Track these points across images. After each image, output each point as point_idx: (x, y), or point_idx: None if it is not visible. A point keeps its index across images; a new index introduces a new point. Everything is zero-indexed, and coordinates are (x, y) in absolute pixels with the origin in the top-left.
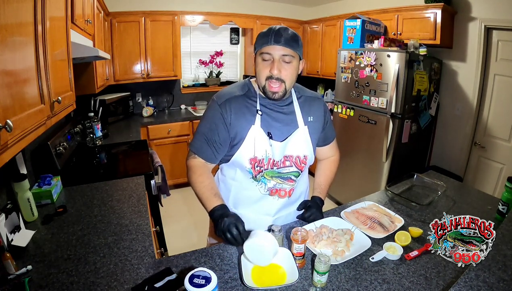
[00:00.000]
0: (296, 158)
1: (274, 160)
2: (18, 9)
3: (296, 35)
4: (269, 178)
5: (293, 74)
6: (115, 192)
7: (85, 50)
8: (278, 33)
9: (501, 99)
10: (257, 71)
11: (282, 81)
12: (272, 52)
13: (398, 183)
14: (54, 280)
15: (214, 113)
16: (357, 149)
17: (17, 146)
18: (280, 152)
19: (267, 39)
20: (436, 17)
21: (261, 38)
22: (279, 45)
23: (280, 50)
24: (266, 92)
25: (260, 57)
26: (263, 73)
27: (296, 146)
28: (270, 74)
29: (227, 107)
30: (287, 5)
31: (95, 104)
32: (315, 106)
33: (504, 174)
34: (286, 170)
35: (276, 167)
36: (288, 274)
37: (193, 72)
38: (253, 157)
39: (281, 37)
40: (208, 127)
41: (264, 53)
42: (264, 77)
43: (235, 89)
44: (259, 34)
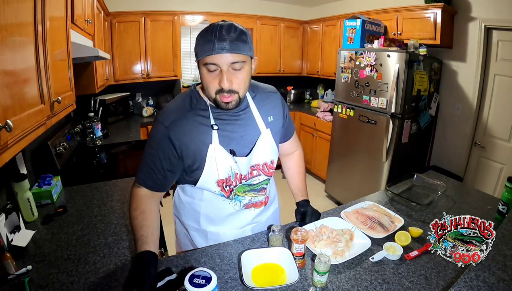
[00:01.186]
0: (263, 165)
1: (241, 174)
2: (18, 9)
3: (243, 32)
4: (242, 194)
5: (246, 81)
6: (115, 192)
7: (85, 50)
8: (221, 36)
9: (501, 99)
10: (204, 83)
11: (235, 92)
12: (218, 62)
13: (398, 183)
14: (54, 280)
15: (160, 138)
16: (357, 149)
17: (17, 146)
18: (246, 165)
19: (209, 46)
20: (436, 17)
21: (202, 44)
22: (225, 52)
23: (228, 58)
24: (219, 104)
25: (205, 68)
26: (212, 86)
27: (261, 154)
28: (220, 87)
29: (176, 129)
30: (287, 5)
31: (95, 104)
32: (272, 103)
33: (504, 174)
34: (256, 181)
35: (245, 180)
36: (288, 274)
37: (193, 72)
38: (219, 179)
39: (226, 42)
40: (154, 154)
41: (208, 64)
42: (214, 91)
43: (181, 104)
44: (199, 38)
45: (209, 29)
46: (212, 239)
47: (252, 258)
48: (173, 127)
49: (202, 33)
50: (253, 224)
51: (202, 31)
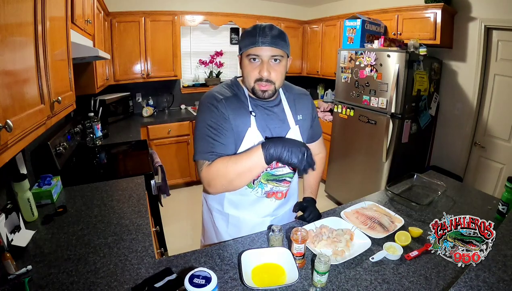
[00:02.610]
0: None
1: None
2: (18, 9)
3: (283, 33)
4: (265, 182)
5: (282, 74)
6: (115, 192)
7: (85, 50)
8: (264, 33)
9: (501, 99)
10: (245, 73)
11: (272, 82)
12: (260, 53)
13: (398, 183)
14: (54, 280)
15: (213, 112)
16: (357, 148)
17: (17, 146)
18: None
19: (253, 40)
20: (436, 17)
21: (247, 38)
22: (267, 46)
23: (269, 51)
24: (256, 92)
25: (247, 59)
26: (252, 75)
27: None
28: (260, 76)
29: (225, 105)
30: (287, 5)
31: (95, 104)
32: (303, 104)
33: (504, 174)
34: (280, 172)
35: (270, 168)
36: (288, 274)
37: (193, 72)
38: None
39: (269, 37)
40: (211, 126)
41: (251, 55)
42: (253, 80)
43: (223, 90)
44: (244, 34)
45: (254, 27)
46: (232, 223)
47: (252, 258)
48: (223, 103)
49: (247, 31)
50: (272, 216)
51: (248, 29)
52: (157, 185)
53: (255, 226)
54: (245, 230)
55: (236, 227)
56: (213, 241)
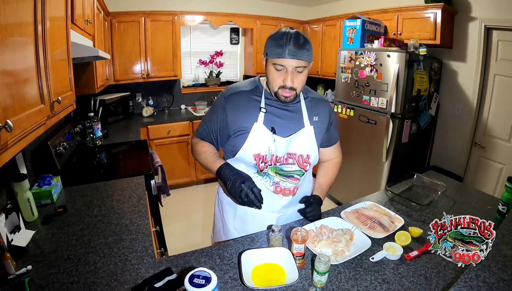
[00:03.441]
0: (299, 156)
1: (277, 156)
2: (18, 9)
3: (308, 42)
4: (273, 173)
5: (304, 81)
6: (115, 192)
7: (85, 50)
8: (291, 45)
9: (501, 99)
10: (270, 78)
11: (295, 89)
12: (285, 64)
13: (398, 183)
14: (54, 280)
15: (218, 105)
16: (357, 149)
17: (17, 146)
18: (283, 147)
19: (281, 51)
20: (436, 17)
21: (274, 47)
22: (292, 58)
23: (294, 63)
24: (279, 97)
25: (273, 66)
26: (277, 82)
27: (300, 145)
28: (284, 84)
29: (232, 100)
30: (287, 5)
31: (95, 104)
32: (321, 108)
33: (504, 174)
34: (289, 168)
35: (279, 163)
36: (288, 274)
37: (193, 72)
38: (257, 153)
39: (295, 49)
40: (211, 116)
41: (277, 64)
42: (277, 86)
43: (244, 84)
44: (271, 40)
45: (281, 35)
46: (239, 216)
47: (252, 258)
48: (230, 98)
49: (275, 37)
50: (279, 214)
51: (275, 35)
52: (157, 185)
53: (261, 220)
54: (251, 224)
55: (242, 220)
56: (221, 236)
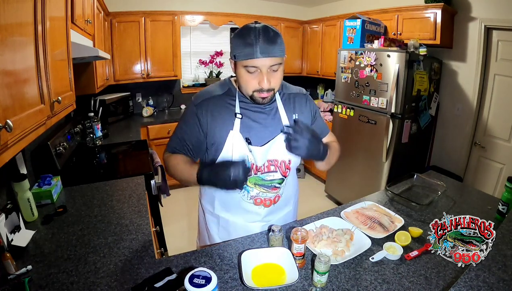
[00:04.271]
0: (281, 162)
1: (257, 166)
2: (18, 9)
3: (279, 35)
4: (252, 185)
5: (281, 79)
6: (115, 192)
7: (85, 50)
8: (261, 41)
9: (501, 99)
10: (242, 82)
11: (272, 89)
12: (259, 65)
13: (398, 183)
14: (54, 280)
15: (189, 115)
16: (357, 148)
17: (17, 146)
18: (262, 156)
19: (250, 50)
20: (436, 17)
21: (242, 47)
22: (266, 56)
23: (268, 62)
24: (255, 100)
25: (244, 69)
26: (251, 86)
27: (280, 150)
28: (260, 87)
29: (204, 108)
30: (287, 5)
31: (95, 104)
32: (298, 102)
33: (504, 174)
34: (270, 177)
35: (260, 172)
36: (288, 274)
37: (193, 72)
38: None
39: (267, 46)
40: (183, 128)
41: (249, 66)
42: (252, 89)
43: (214, 88)
44: (238, 39)
45: (248, 32)
46: (222, 226)
47: (252, 258)
48: (202, 106)
49: (240, 35)
50: (263, 222)
51: (240, 33)
52: (157, 185)
53: (245, 230)
54: (235, 234)
55: (226, 230)
56: (206, 244)
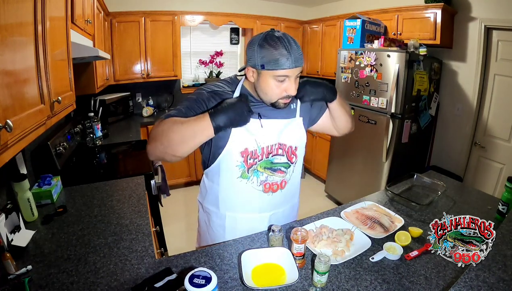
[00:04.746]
0: (289, 147)
1: (268, 146)
2: (18, 9)
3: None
4: (262, 169)
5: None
6: (115, 192)
7: (85, 50)
8: (293, 52)
9: (501, 99)
10: (268, 90)
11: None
12: (290, 74)
13: (398, 183)
14: (54, 280)
15: (198, 98)
16: (357, 148)
17: (17, 146)
18: (273, 132)
19: (286, 61)
20: (436, 17)
21: (275, 58)
22: (298, 66)
23: (297, 70)
24: (278, 105)
25: (274, 78)
26: (277, 93)
27: (290, 134)
28: (288, 94)
29: (213, 98)
30: (287, 5)
31: (95, 104)
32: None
33: (504, 174)
34: (277, 160)
35: (271, 155)
36: (288, 274)
37: (193, 72)
38: (244, 150)
39: (298, 56)
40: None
41: (280, 76)
42: (278, 97)
43: (221, 85)
44: (268, 50)
45: (277, 43)
46: (229, 226)
47: (252, 258)
48: (212, 95)
49: (270, 46)
50: (270, 212)
51: (269, 43)
52: (157, 185)
53: (253, 224)
54: (243, 230)
55: (233, 229)
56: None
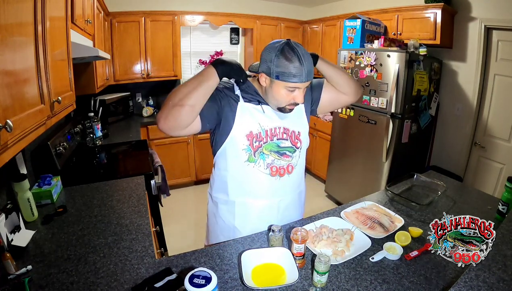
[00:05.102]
0: (292, 132)
1: (272, 129)
2: (18, 9)
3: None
4: (267, 152)
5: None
6: (115, 192)
7: (85, 50)
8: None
9: (501, 99)
10: (278, 97)
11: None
12: (301, 86)
13: (398, 183)
14: (54, 280)
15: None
16: (357, 148)
17: (17, 146)
18: (274, 117)
19: (299, 75)
20: (436, 17)
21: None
22: (309, 80)
23: (307, 83)
24: (283, 110)
25: (285, 89)
26: (286, 100)
27: (291, 119)
28: (295, 101)
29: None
30: (287, 5)
31: (95, 104)
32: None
33: (504, 174)
34: (283, 144)
35: (276, 137)
36: (288, 274)
37: (193, 72)
38: (248, 133)
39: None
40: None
41: (291, 87)
42: (286, 103)
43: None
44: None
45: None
46: (239, 213)
47: (252, 258)
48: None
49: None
50: (279, 198)
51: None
52: (157, 185)
53: (263, 211)
54: (253, 216)
55: (243, 216)
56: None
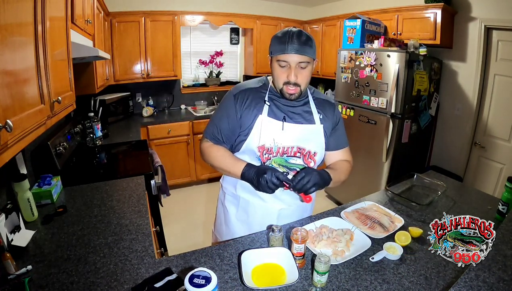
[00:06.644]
0: (307, 152)
1: (284, 147)
2: (18, 9)
3: (310, 39)
4: (276, 165)
5: (308, 77)
6: (115, 192)
7: (85, 50)
8: (293, 40)
9: (501, 99)
10: (275, 75)
11: (298, 85)
12: (289, 60)
13: (398, 183)
14: (54, 280)
15: (228, 103)
16: (357, 148)
17: (17, 146)
18: (292, 136)
19: (283, 47)
20: (436, 17)
21: (277, 44)
22: (295, 53)
23: (296, 58)
24: (284, 94)
25: (277, 63)
26: (281, 79)
27: (309, 140)
28: (288, 80)
29: (240, 97)
30: (287, 5)
31: (95, 104)
32: (327, 108)
33: (504, 174)
34: (293, 161)
35: (286, 155)
36: (288, 274)
37: (193, 72)
38: (261, 145)
39: (296, 45)
40: (220, 117)
41: (280, 60)
42: (282, 82)
43: (251, 82)
44: (275, 39)
45: (284, 33)
46: (242, 207)
47: (252, 258)
48: (239, 96)
49: (277, 36)
50: (281, 207)
51: (278, 34)
52: (157, 185)
53: (263, 212)
54: (253, 216)
55: (245, 211)
56: (222, 230)
